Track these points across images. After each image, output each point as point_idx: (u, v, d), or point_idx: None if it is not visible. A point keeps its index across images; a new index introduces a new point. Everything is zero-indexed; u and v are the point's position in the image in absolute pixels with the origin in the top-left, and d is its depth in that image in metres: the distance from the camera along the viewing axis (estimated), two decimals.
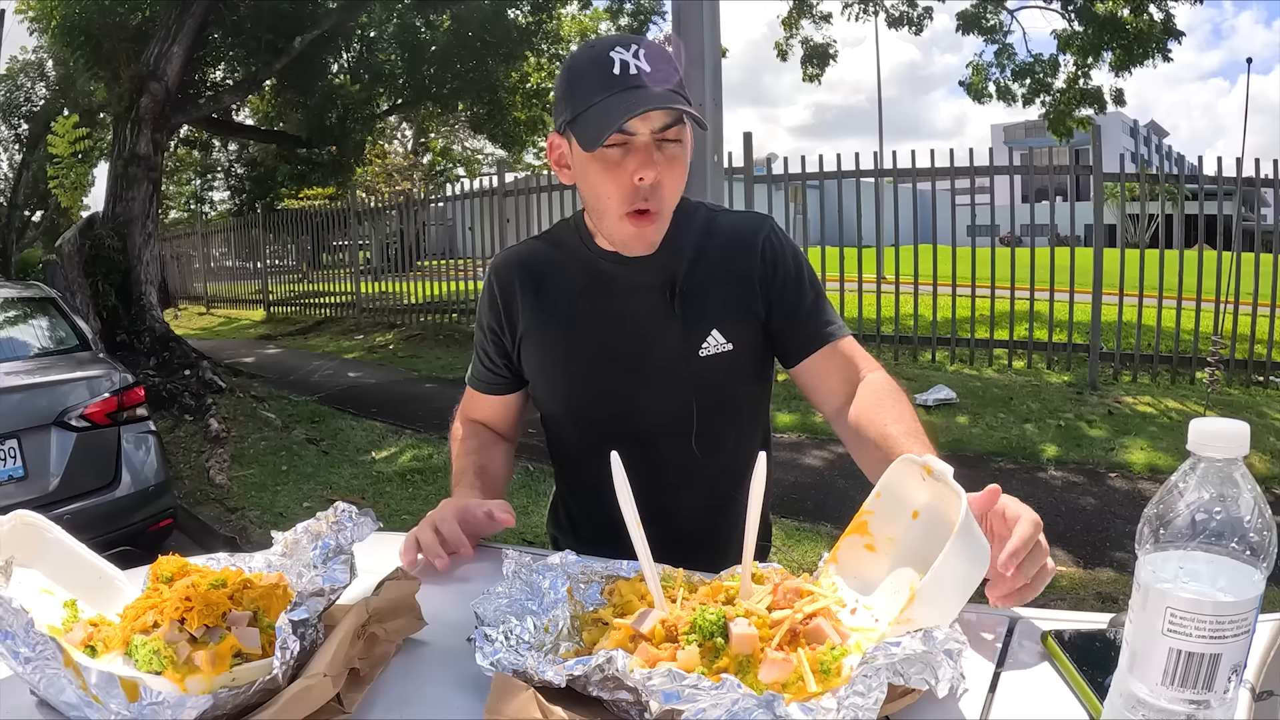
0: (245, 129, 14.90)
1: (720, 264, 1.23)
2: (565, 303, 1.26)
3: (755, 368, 1.28)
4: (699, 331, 1.21)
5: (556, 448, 1.38)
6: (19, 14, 9.99)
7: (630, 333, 1.23)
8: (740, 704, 0.63)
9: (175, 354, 7.82)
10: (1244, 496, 0.58)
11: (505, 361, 1.33)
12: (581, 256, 1.26)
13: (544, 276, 1.28)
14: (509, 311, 1.29)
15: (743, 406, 1.30)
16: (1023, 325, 7.12)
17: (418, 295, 10.94)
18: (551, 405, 1.33)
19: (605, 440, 1.11)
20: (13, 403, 3.27)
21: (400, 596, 0.88)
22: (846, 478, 4.79)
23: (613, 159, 1.09)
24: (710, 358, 1.21)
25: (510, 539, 1.20)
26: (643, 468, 1.23)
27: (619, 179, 1.09)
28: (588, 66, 1.09)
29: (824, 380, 1.23)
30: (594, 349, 1.25)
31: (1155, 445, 5.20)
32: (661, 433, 1.26)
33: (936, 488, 0.86)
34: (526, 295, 1.27)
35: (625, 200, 1.10)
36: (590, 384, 1.26)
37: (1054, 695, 0.76)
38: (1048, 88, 9.36)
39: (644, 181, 1.08)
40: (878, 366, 1.23)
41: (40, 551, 0.89)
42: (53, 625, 0.81)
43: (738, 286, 1.23)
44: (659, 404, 1.25)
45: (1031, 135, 41.50)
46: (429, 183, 20.62)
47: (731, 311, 1.22)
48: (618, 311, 1.24)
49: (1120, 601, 3.20)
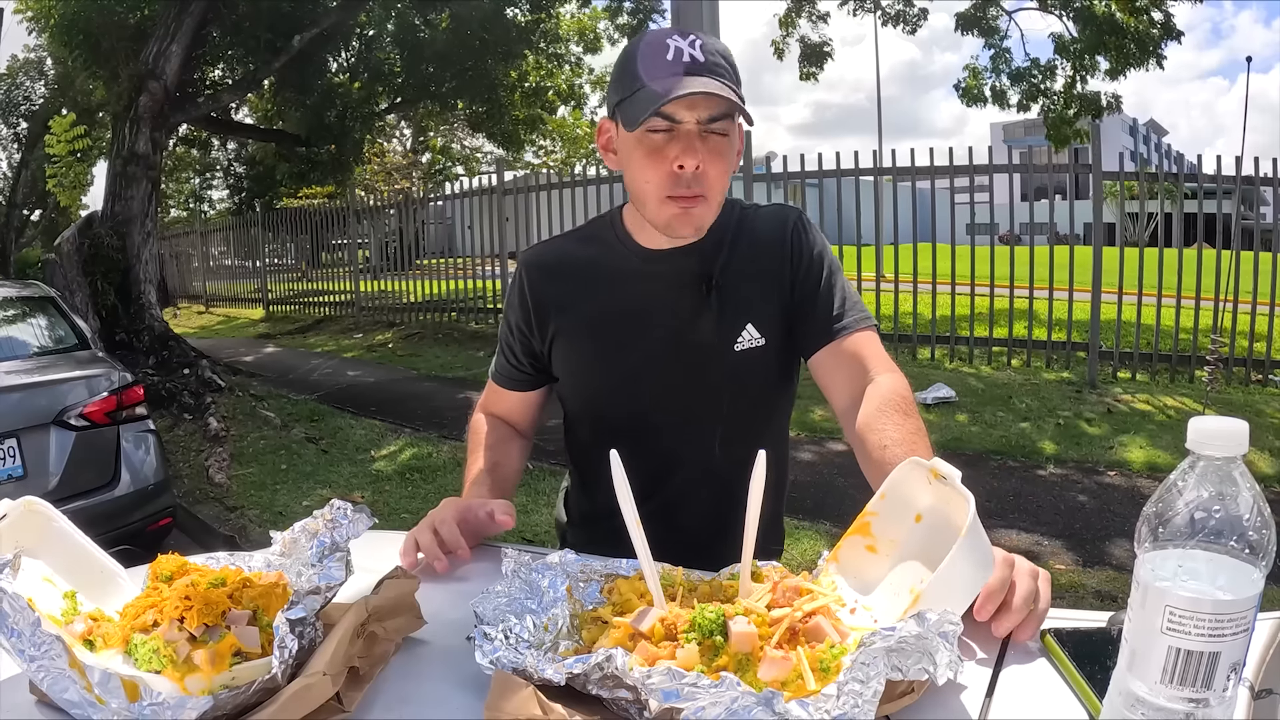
0: (244, 128, 14.91)
1: (752, 258, 1.23)
2: (599, 300, 1.25)
3: (783, 364, 1.27)
4: (734, 325, 1.21)
5: (577, 442, 1.38)
6: (18, 13, 9.99)
7: (666, 328, 1.23)
8: (739, 702, 0.63)
9: (174, 353, 7.82)
10: (1243, 495, 0.58)
11: (531, 360, 1.33)
12: (617, 253, 1.26)
13: (577, 274, 1.27)
14: (540, 310, 1.28)
15: (769, 404, 1.30)
16: (1022, 324, 7.12)
17: (417, 294, 10.94)
18: (580, 401, 1.33)
19: (631, 435, 1.15)
20: (12, 402, 3.26)
21: (400, 595, 0.88)
22: (846, 476, 4.79)
23: (657, 144, 1.09)
24: (744, 352, 1.21)
25: (510, 538, 1.20)
26: (665, 462, 1.27)
27: (660, 164, 1.09)
28: (643, 51, 1.09)
29: (833, 377, 1.20)
30: (628, 345, 1.24)
31: (1154, 444, 5.20)
32: (689, 428, 1.26)
33: (943, 491, 0.86)
34: (559, 293, 1.27)
35: (664, 185, 1.10)
36: (623, 380, 1.26)
37: (1053, 694, 0.76)
38: (1044, 92, 9.36)
39: (684, 170, 1.08)
40: (890, 368, 1.18)
41: (44, 539, 0.89)
42: (52, 615, 0.81)
43: (769, 280, 1.23)
44: (691, 399, 1.25)
45: (1031, 134, 41.47)
46: (428, 181, 20.62)
47: (764, 305, 1.22)
48: (653, 307, 1.23)
49: (1119, 600, 3.21)
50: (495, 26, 11.31)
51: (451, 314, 10.51)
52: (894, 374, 1.17)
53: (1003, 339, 7.21)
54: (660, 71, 1.06)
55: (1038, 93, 9.39)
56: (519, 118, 13.97)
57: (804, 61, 10.99)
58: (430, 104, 14.01)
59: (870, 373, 1.17)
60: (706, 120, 1.07)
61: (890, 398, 1.12)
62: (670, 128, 1.07)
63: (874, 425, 1.10)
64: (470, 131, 19.47)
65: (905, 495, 0.90)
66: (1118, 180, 6.84)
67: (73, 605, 0.85)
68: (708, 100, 1.06)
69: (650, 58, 1.07)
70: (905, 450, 1.03)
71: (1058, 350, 7.12)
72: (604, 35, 14.55)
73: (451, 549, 1.09)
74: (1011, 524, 4.11)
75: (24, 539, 0.86)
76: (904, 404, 1.12)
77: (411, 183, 18.33)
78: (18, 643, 0.70)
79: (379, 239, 12.29)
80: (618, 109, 1.11)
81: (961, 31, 9.67)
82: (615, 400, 1.28)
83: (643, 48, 1.10)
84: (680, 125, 1.07)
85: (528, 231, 9.76)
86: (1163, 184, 6.91)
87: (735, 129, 1.12)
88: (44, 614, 0.78)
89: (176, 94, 8.66)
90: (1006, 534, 3.97)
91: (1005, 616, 0.83)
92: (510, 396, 1.38)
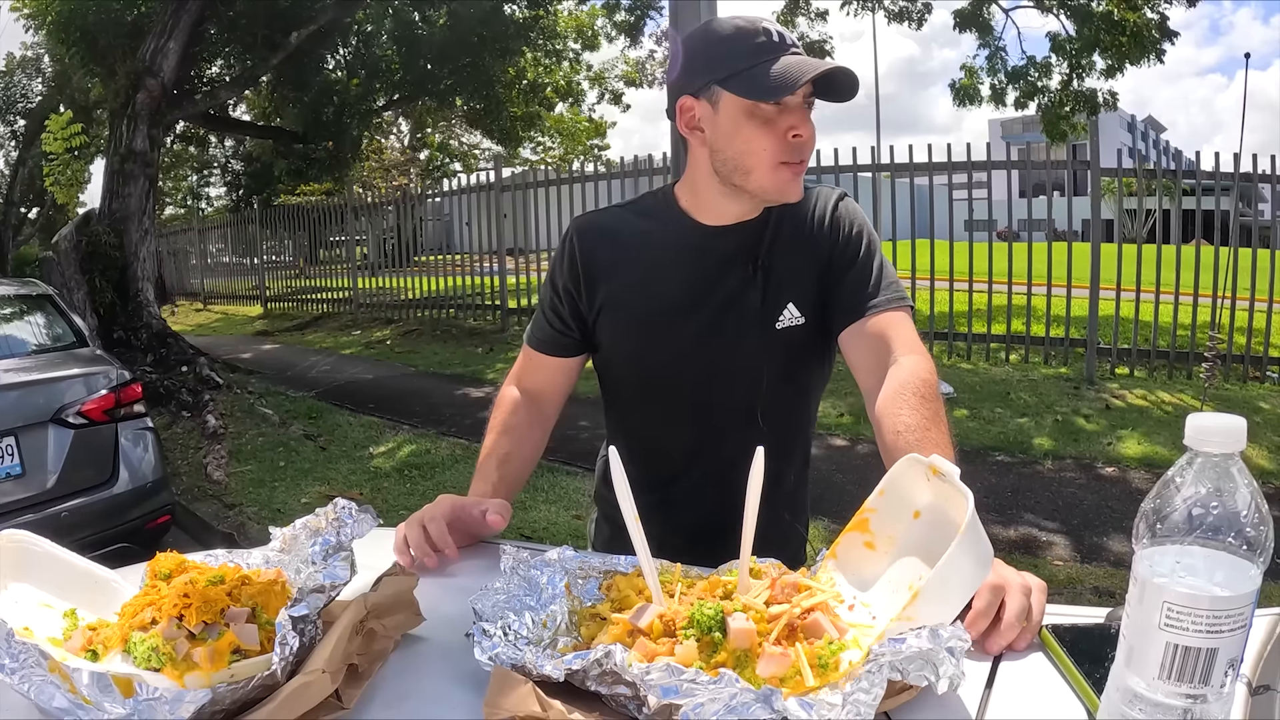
0: (242, 125, 14.88)
1: (796, 237, 1.26)
2: (651, 271, 1.28)
3: (821, 343, 1.28)
4: (777, 303, 1.24)
5: (618, 415, 1.40)
6: (14, 10, 9.96)
7: (715, 303, 1.26)
8: (738, 698, 0.64)
9: (172, 350, 7.81)
10: (1241, 491, 0.58)
11: (579, 324, 1.34)
12: (672, 227, 1.29)
13: (630, 244, 1.31)
14: (590, 275, 1.31)
15: (805, 385, 1.32)
16: (1020, 320, 7.13)
17: (415, 291, 10.93)
18: (625, 370, 1.35)
19: (675, 408, 1.28)
20: (10, 400, 3.26)
21: (398, 592, 0.88)
22: (844, 472, 4.80)
23: (769, 115, 1.15)
24: (785, 330, 1.24)
25: (509, 534, 1.20)
26: (705, 437, 1.31)
27: (774, 133, 1.15)
28: (735, 34, 1.16)
29: (859, 356, 1.20)
30: (678, 318, 1.27)
31: (1152, 440, 5.21)
32: (729, 404, 1.28)
33: (941, 488, 0.86)
34: (610, 261, 1.30)
35: (779, 153, 1.16)
36: (672, 353, 1.28)
37: (1051, 690, 0.77)
38: (1041, 90, 9.36)
39: (800, 138, 1.16)
40: (916, 349, 1.17)
41: (31, 567, 0.88)
42: (53, 637, 0.81)
43: (809, 258, 1.25)
44: (732, 375, 1.27)
45: (1029, 131, 41.48)
46: (426, 178, 20.59)
47: (805, 283, 1.25)
48: (704, 282, 1.26)
49: (1117, 596, 3.21)
50: (493, 23, 11.30)
51: (450, 310, 10.50)
52: (918, 355, 1.16)
53: (1001, 335, 7.21)
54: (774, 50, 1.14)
55: (1034, 91, 9.39)
56: (517, 114, 13.95)
57: None
58: (428, 100, 13.98)
59: (894, 353, 1.16)
60: (809, 94, 1.16)
61: (910, 380, 1.12)
62: (781, 101, 1.14)
63: (890, 409, 1.10)
64: (468, 128, 19.44)
65: (904, 492, 0.90)
66: (1116, 177, 6.85)
67: (73, 622, 0.84)
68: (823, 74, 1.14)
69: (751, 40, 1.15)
70: (918, 437, 1.04)
71: (1056, 346, 7.13)
72: (601, 32, 14.55)
73: (439, 547, 1.09)
74: (1010, 520, 4.12)
75: (7, 570, 0.85)
76: (923, 387, 1.11)
77: (409, 179, 18.31)
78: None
79: (377, 236, 12.28)
80: (721, 84, 1.16)
81: (960, 29, 9.66)
82: (661, 373, 1.30)
83: (734, 32, 1.16)
84: (790, 98, 1.14)
85: (525, 228, 9.75)
86: (1161, 180, 6.90)
87: None
88: (46, 638, 0.78)
89: (174, 91, 8.65)
90: (1005, 530, 3.98)
91: (996, 636, 0.83)
92: (548, 364, 1.38)
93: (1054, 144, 9.53)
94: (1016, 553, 3.73)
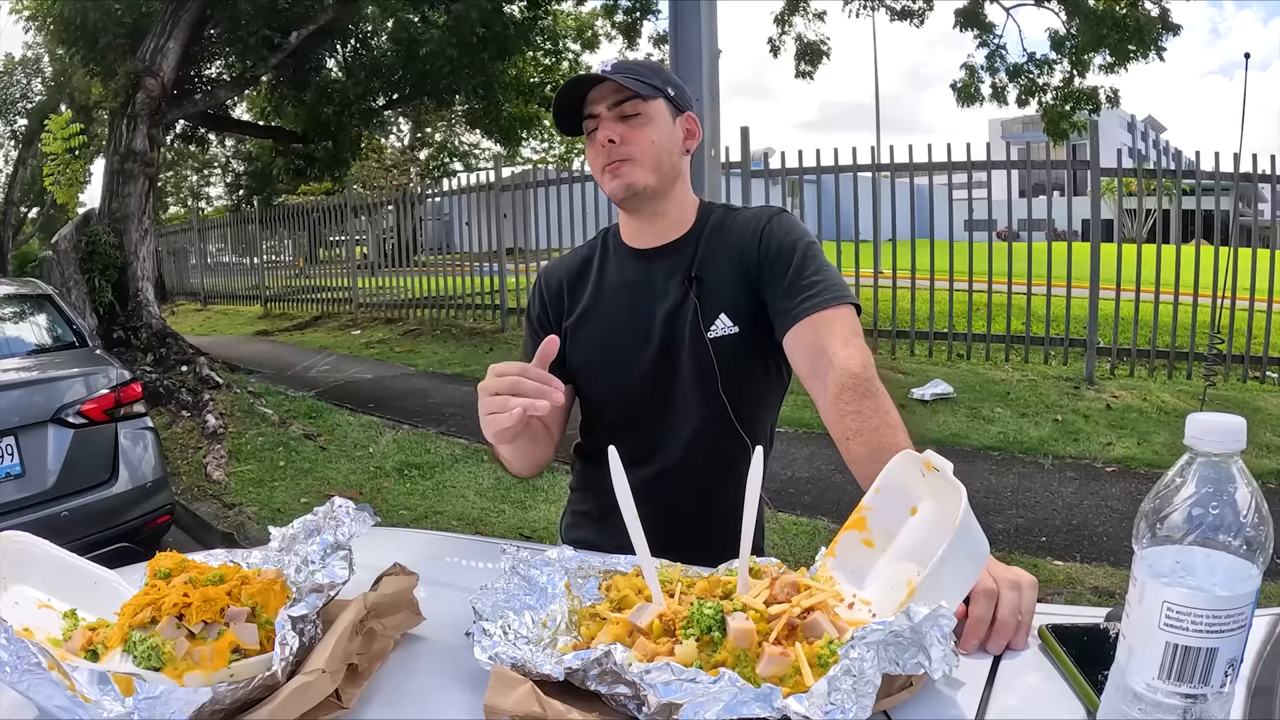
0: (241, 124, 14.86)
1: (728, 252, 1.32)
2: (603, 297, 1.40)
3: (760, 353, 1.30)
4: (710, 314, 1.29)
5: (582, 445, 1.47)
6: (14, 11, 9.96)
7: (658, 319, 1.33)
8: (738, 698, 0.64)
9: (172, 350, 7.81)
10: (1240, 491, 0.58)
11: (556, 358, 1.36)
12: (615, 256, 1.42)
13: (583, 275, 1.44)
14: (555, 309, 1.44)
15: (753, 396, 1.33)
16: (1020, 319, 7.13)
17: (415, 290, 10.93)
18: (593, 389, 1.41)
19: (626, 426, 1.35)
20: (10, 400, 3.26)
21: (398, 592, 0.88)
22: (843, 471, 4.78)
23: (590, 131, 1.32)
24: (719, 339, 1.29)
25: (509, 534, 1.20)
26: (664, 445, 1.35)
27: (594, 147, 1.32)
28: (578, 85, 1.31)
29: (797, 360, 1.22)
30: (628, 336, 1.35)
31: (1152, 440, 5.21)
32: (681, 412, 1.33)
33: (936, 484, 0.86)
34: (571, 294, 1.43)
35: (599, 159, 1.31)
36: (620, 372, 1.35)
37: (1051, 689, 0.77)
38: (1042, 89, 9.36)
39: (612, 143, 1.28)
40: (845, 343, 1.16)
41: (31, 568, 0.88)
42: (54, 637, 0.81)
43: (743, 272, 1.30)
44: (681, 383, 1.32)
45: (1029, 130, 41.47)
46: (425, 177, 20.57)
47: (736, 294, 1.29)
48: (644, 302, 1.35)
49: (1117, 596, 3.21)
50: (492, 23, 11.27)
51: (449, 310, 10.50)
52: (849, 349, 1.15)
53: (1001, 335, 7.21)
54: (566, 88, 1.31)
55: (1035, 88, 9.39)
56: (516, 114, 13.94)
57: (800, 60, 10.97)
58: (427, 100, 13.96)
59: (826, 351, 1.16)
60: (614, 104, 1.28)
61: (844, 381, 1.11)
62: (596, 119, 1.30)
63: (833, 417, 1.12)
64: (468, 128, 19.43)
65: (900, 489, 0.91)
66: (1116, 177, 6.85)
67: (73, 622, 0.85)
68: (614, 89, 1.27)
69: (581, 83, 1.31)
70: (867, 439, 1.06)
71: (1056, 346, 7.13)
72: (601, 32, 14.54)
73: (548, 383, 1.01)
74: (1009, 520, 4.11)
75: (7, 571, 0.85)
76: (857, 383, 1.10)
77: (409, 179, 18.29)
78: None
79: (377, 235, 12.29)
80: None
81: (960, 28, 9.66)
82: (613, 392, 1.37)
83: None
84: (600, 116, 1.29)
85: (525, 227, 9.75)
86: (1161, 180, 6.90)
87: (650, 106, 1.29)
88: (46, 638, 0.78)
89: (173, 91, 8.64)
90: (1005, 529, 3.98)
91: (995, 637, 0.83)
92: None
93: (1054, 143, 9.53)
94: (1016, 552, 3.73)
